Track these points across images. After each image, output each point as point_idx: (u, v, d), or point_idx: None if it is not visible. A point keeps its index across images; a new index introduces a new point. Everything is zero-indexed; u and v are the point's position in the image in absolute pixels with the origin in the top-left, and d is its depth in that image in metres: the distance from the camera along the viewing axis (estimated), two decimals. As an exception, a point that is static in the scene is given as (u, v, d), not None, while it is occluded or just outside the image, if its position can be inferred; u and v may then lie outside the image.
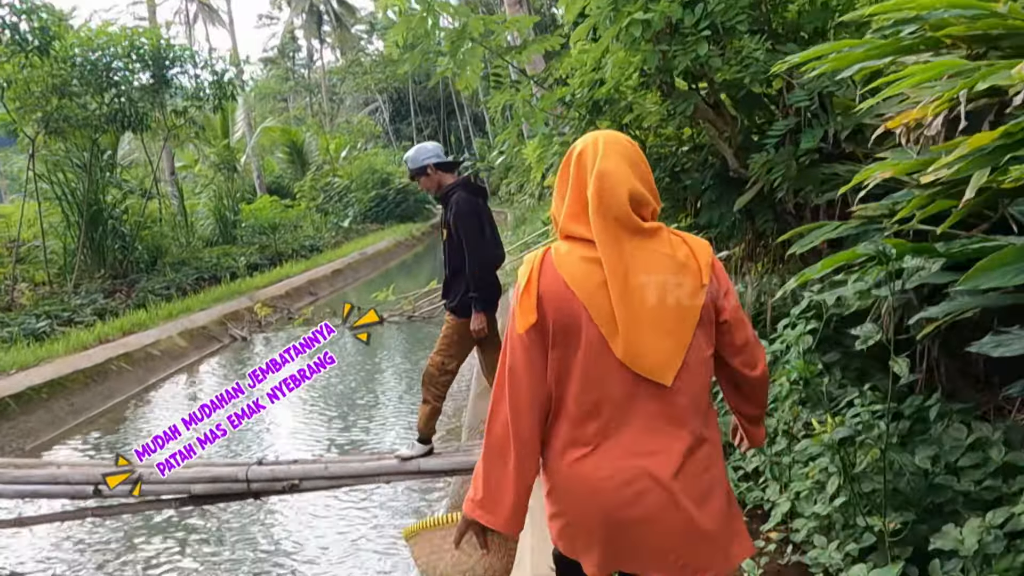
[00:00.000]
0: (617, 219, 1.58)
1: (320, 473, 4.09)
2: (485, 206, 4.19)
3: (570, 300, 1.58)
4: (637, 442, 1.58)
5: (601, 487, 1.58)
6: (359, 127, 36.70)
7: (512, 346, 1.61)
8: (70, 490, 4.14)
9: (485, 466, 1.64)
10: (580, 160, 1.65)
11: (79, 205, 12.09)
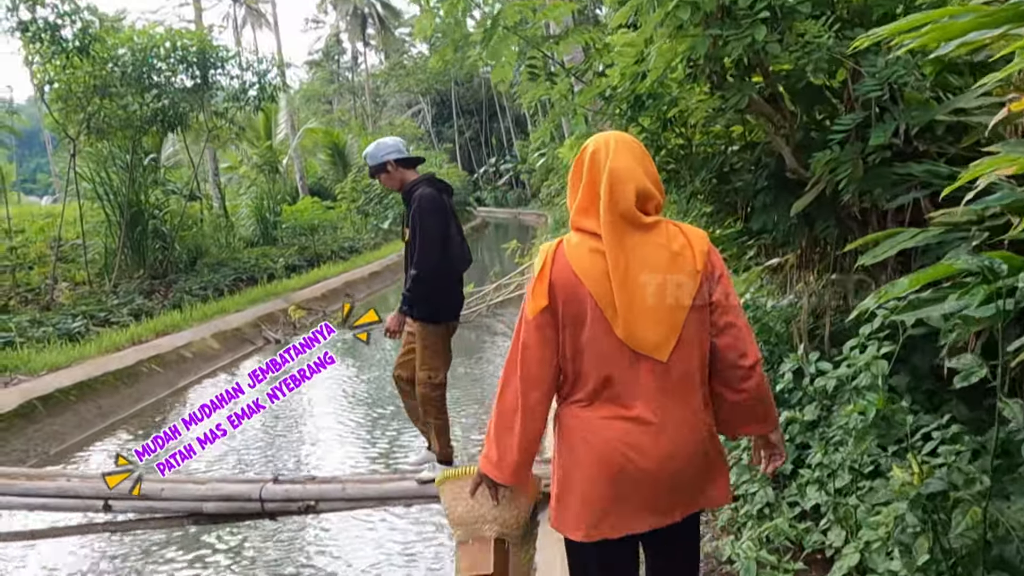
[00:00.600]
0: (623, 215, 1.78)
1: (337, 494, 3.83)
2: (451, 206, 3.92)
3: (578, 287, 1.77)
4: (642, 408, 1.78)
5: (612, 447, 1.78)
6: (400, 129, 36.73)
7: (525, 326, 1.81)
8: (80, 504, 3.96)
9: (496, 430, 1.86)
10: (593, 158, 1.84)
11: (120, 205, 12.15)
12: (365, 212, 25.35)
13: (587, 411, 1.82)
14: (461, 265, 3.93)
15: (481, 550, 2.19)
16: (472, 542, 2.23)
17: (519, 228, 29.49)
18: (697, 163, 3.71)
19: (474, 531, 2.23)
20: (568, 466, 1.85)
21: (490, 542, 2.22)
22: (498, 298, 11.83)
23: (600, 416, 1.80)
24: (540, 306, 1.78)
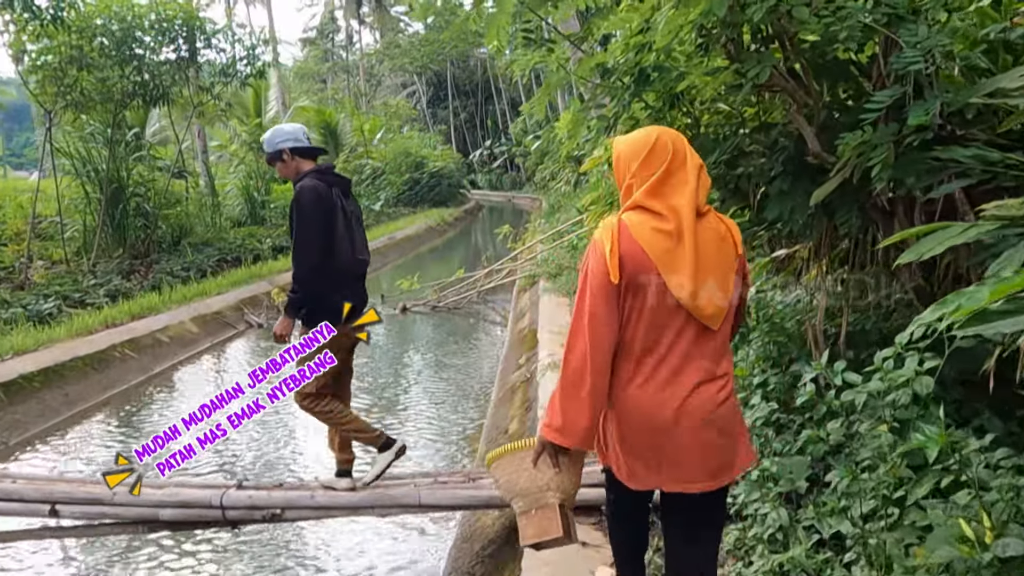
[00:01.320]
0: (699, 205, 2.03)
1: (305, 502, 3.50)
2: (345, 201, 3.58)
3: (645, 261, 1.97)
4: (685, 372, 1.99)
5: (658, 409, 1.98)
6: (395, 110, 36.17)
7: (594, 296, 1.98)
8: (23, 508, 3.61)
9: (562, 396, 2.02)
10: (675, 148, 2.07)
11: (100, 182, 11.71)
12: (357, 193, 24.94)
13: (634, 376, 2.02)
14: (353, 267, 3.62)
15: (547, 516, 2.23)
16: (535, 511, 2.24)
17: (513, 212, 29.11)
18: (708, 145, 3.35)
19: (537, 500, 2.23)
20: (621, 427, 2.06)
21: (555, 507, 2.23)
22: (489, 284, 11.49)
23: (642, 384, 2.01)
24: (615, 278, 1.96)
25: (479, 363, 7.87)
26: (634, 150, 2.10)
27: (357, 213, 3.69)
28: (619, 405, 2.04)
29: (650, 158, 2.06)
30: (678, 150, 2.08)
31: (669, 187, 2.04)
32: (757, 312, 4.14)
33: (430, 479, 3.65)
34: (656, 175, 2.03)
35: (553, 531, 2.22)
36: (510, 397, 6.04)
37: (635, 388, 2.00)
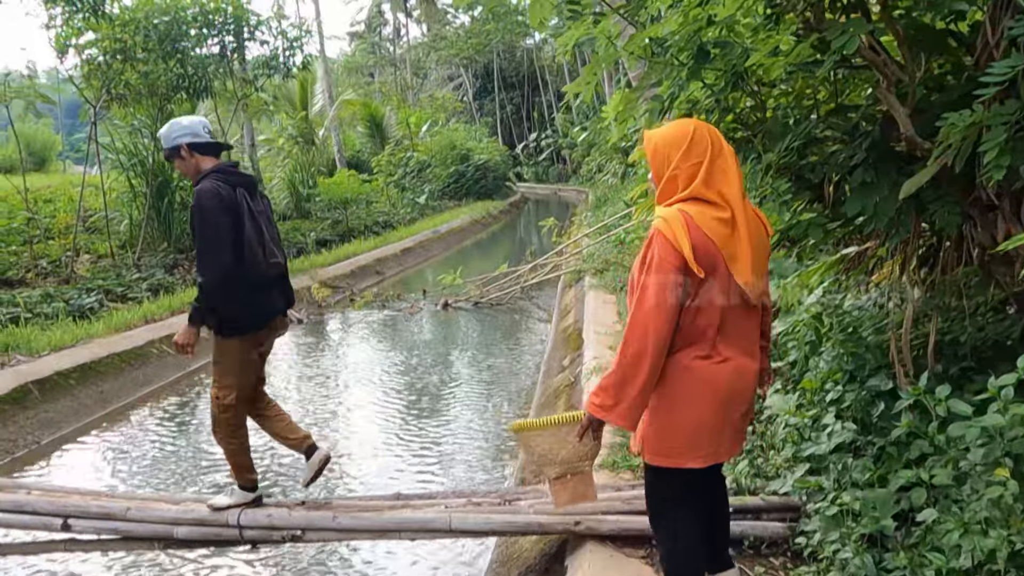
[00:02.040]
0: (744, 194, 2.27)
1: (327, 524, 3.22)
2: (252, 200, 3.33)
3: (712, 249, 2.15)
4: (742, 349, 2.26)
5: (730, 383, 2.23)
6: (441, 102, 36.00)
7: (661, 285, 2.12)
8: (36, 522, 3.43)
9: (620, 379, 2.16)
10: (714, 138, 2.26)
11: (146, 175, 11.72)
12: (402, 186, 24.82)
13: (705, 359, 2.19)
14: (265, 270, 3.37)
15: (583, 481, 2.42)
16: (569, 476, 2.40)
17: (559, 204, 28.68)
18: (777, 129, 2.94)
19: (574, 467, 2.40)
20: (685, 406, 2.21)
21: (590, 474, 2.45)
22: (533, 279, 11.14)
23: (715, 362, 2.19)
24: (695, 268, 2.10)
25: (522, 363, 7.54)
26: (674, 141, 2.21)
27: (267, 212, 3.50)
28: (693, 385, 2.18)
29: (691, 148, 2.19)
30: (715, 139, 2.23)
31: (718, 176, 2.18)
32: (828, 318, 3.71)
33: (463, 500, 3.34)
34: (704, 164, 2.16)
35: (590, 496, 2.46)
36: (552, 402, 5.69)
37: (712, 365, 2.19)
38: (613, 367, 2.18)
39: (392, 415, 6.05)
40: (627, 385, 2.14)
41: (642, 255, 2.21)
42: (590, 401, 2.23)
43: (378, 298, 10.95)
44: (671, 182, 2.21)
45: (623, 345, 2.16)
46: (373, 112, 27.73)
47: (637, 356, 2.12)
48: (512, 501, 3.27)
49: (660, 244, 2.12)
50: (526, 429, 2.45)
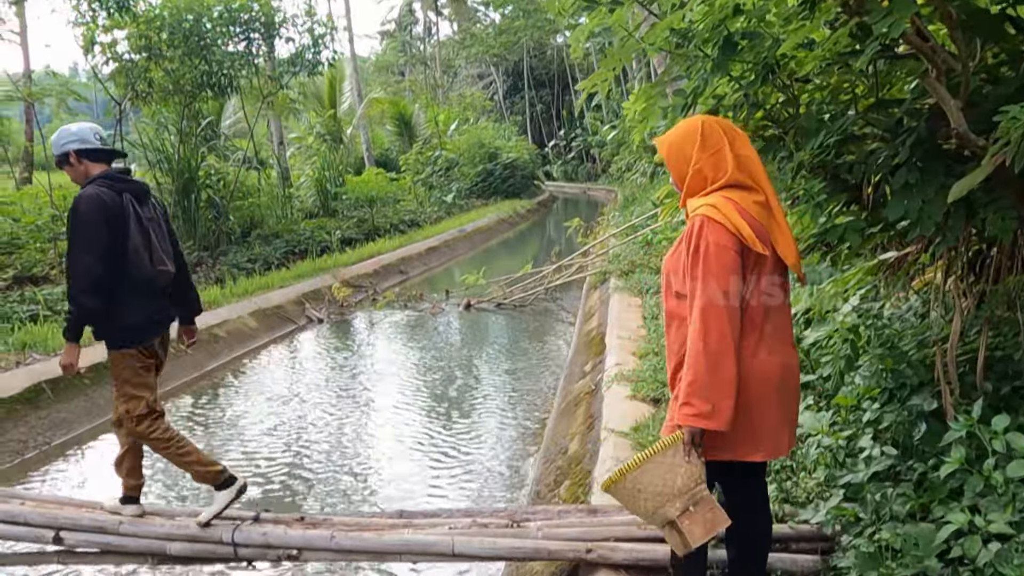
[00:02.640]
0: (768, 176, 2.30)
1: (324, 544, 3.04)
2: (142, 207, 3.24)
3: (763, 233, 2.15)
4: (782, 340, 2.23)
5: (784, 371, 2.20)
6: (470, 100, 35.87)
7: (723, 273, 2.08)
8: (28, 533, 3.30)
9: (705, 380, 2.06)
10: (724, 127, 2.28)
11: (173, 173, 11.73)
12: (429, 184, 24.71)
13: (756, 357, 2.14)
14: (154, 279, 3.26)
15: (709, 508, 2.15)
16: (692, 508, 2.14)
17: (588, 204, 28.38)
18: (811, 125, 2.69)
19: (693, 495, 2.14)
20: (755, 397, 2.14)
21: (712, 498, 2.18)
22: (558, 280, 10.91)
23: (765, 355, 2.14)
24: (760, 249, 2.09)
25: (543, 367, 7.33)
26: (686, 137, 2.21)
27: (159, 220, 3.39)
28: (751, 376, 2.12)
29: (705, 140, 2.19)
30: (726, 127, 2.23)
31: (743, 161, 2.18)
32: (866, 330, 3.44)
33: (468, 520, 3.14)
34: (724, 151, 2.16)
35: (721, 521, 2.17)
36: (572, 411, 5.47)
37: (765, 355, 2.14)
38: (693, 369, 2.08)
39: (408, 419, 5.88)
40: (717, 385, 2.06)
41: (688, 245, 2.13)
42: (685, 414, 2.11)
43: (400, 298, 10.81)
44: (697, 176, 2.20)
45: (699, 342, 2.07)
46: (402, 110, 27.68)
47: (719, 353, 2.05)
48: (521, 523, 3.07)
49: (713, 230, 2.08)
50: (628, 473, 2.16)
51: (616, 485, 2.17)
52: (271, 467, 5.03)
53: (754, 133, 3.21)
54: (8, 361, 6.20)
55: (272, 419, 6.02)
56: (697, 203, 2.18)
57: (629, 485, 2.16)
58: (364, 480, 4.79)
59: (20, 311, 7.53)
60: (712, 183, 2.19)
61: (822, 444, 3.00)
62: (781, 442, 2.23)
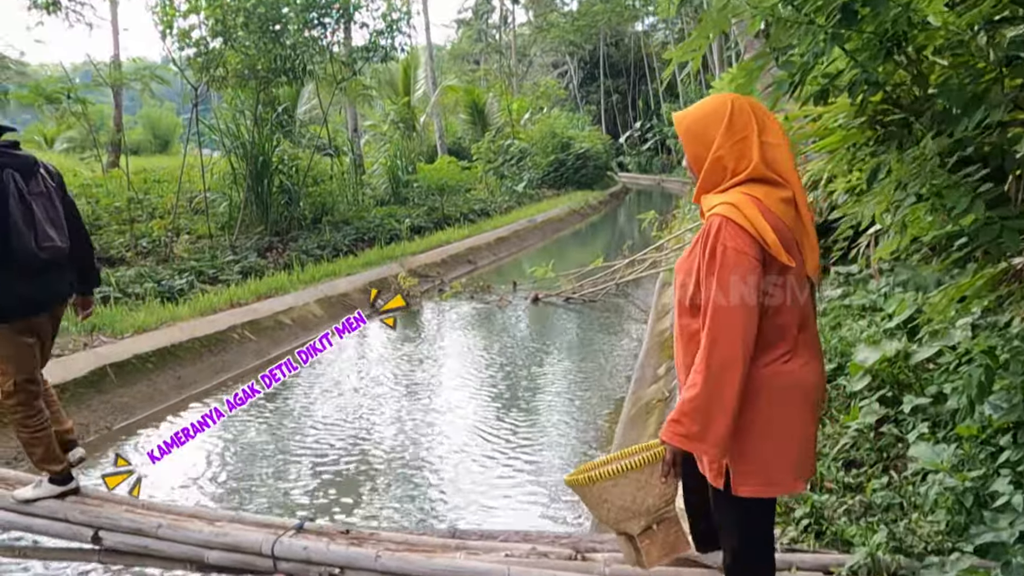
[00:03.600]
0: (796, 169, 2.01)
1: (368, 564, 2.79)
2: (27, 183, 3.13)
3: (788, 235, 1.89)
4: (814, 349, 2.00)
5: (814, 384, 1.96)
6: (544, 89, 35.42)
7: (739, 281, 1.82)
8: (67, 530, 3.18)
9: (705, 398, 1.83)
10: (755, 110, 1.98)
11: (247, 158, 11.81)
12: (501, 174, 24.47)
13: (789, 363, 1.91)
14: (35, 254, 3.14)
15: (673, 531, 2.08)
16: (656, 527, 2.04)
17: (662, 196, 27.64)
18: (951, 101, 2.24)
19: (659, 515, 2.04)
20: (780, 419, 1.91)
21: (676, 519, 2.09)
22: (630, 275, 10.47)
23: (800, 364, 1.92)
24: (785, 259, 1.85)
25: (612, 368, 6.95)
26: (712, 117, 1.96)
27: (50, 193, 3.26)
28: (784, 394, 1.90)
29: (732, 123, 1.93)
30: (757, 110, 1.97)
31: (771, 151, 1.93)
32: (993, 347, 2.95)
33: (527, 547, 2.83)
34: (752, 139, 1.92)
35: (682, 546, 2.09)
36: (643, 418, 5.10)
37: (799, 368, 1.92)
38: (693, 385, 1.86)
39: (468, 417, 5.61)
40: (715, 404, 1.83)
41: (704, 249, 1.88)
42: (671, 431, 1.90)
43: (467, 289, 10.59)
44: (716, 165, 1.94)
45: (704, 356, 1.84)
46: (475, 98, 27.51)
47: (724, 366, 1.82)
48: (586, 553, 2.74)
49: (732, 233, 1.84)
50: (597, 482, 1.99)
51: (581, 487, 2.03)
52: (323, 464, 4.83)
53: (872, 119, 2.77)
54: (76, 343, 6.23)
55: (329, 410, 5.86)
56: (714, 200, 1.93)
57: (596, 492, 2.02)
58: (418, 483, 4.53)
59: (93, 292, 7.61)
60: (733, 175, 1.93)
61: (944, 484, 2.55)
62: (813, 464, 2.03)
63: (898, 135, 2.57)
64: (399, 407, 5.96)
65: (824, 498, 2.90)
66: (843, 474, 3.11)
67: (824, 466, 3.16)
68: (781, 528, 2.85)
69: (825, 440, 3.43)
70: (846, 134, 2.79)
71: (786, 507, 2.97)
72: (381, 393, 6.31)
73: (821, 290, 6.24)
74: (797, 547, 2.67)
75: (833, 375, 4.11)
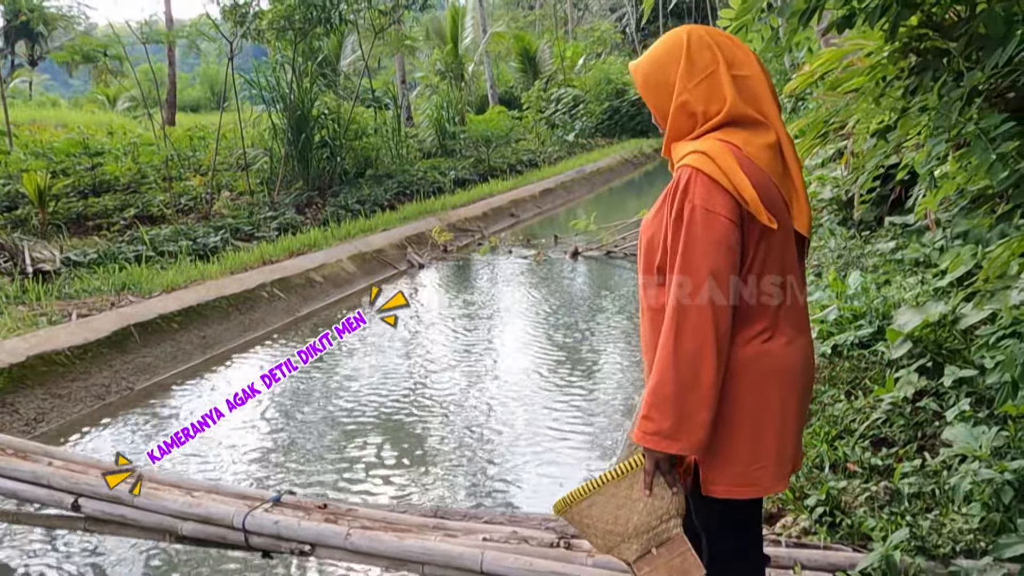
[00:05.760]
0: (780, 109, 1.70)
1: (338, 542, 2.62)
2: None
3: (772, 189, 1.60)
4: (799, 324, 1.70)
5: (800, 374, 1.67)
6: (599, 35, 34.24)
7: (713, 247, 1.54)
8: (49, 497, 3.11)
9: (674, 389, 1.56)
10: (719, 41, 1.66)
11: (288, 112, 11.69)
12: (552, 123, 23.87)
13: (772, 342, 1.64)
14: None
15: (677, 552, 1.67)
16: (655, 550, 1.67)
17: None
18: (997, 30, 1.83)
19: (657, 535, 1.66)
20: (749, 415, 1.63)
21: (682, 538, 1.69)
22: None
23: (783, 343, 1.65)
24: (766, 220, 1.56)
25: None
26: (667, 57, 1.67)
27: None
28: (766, 378, 1.62)
29: (692, 60, 1.64)
30: (722, 43, 1.66)
31: (747, 86, 1.62)
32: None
33: (508, 530, 2.61)
34: (719, 74, 1.61)
35: (693, 570, 1.69)
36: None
37: (782, 347, 1.64)
38: (659, 375, 1.58)
39: (488, 382, 5.41)
40: (687, 397, 1.55)
41: (670, 206, 1.59)
42: (643, 431, 1.61)
43: (504, 243, 10.33)
44: (682, 111, 1.64)
45: (668, 341, 1.56)
46: (527, 45, 26.78)
47: (696, 349, 1.54)
48: (572, 540, 2.50)
49: (702, 189, 1.53)
50: (574, 503, 1.72)
51: (563, 514, 1.76)
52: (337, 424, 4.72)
53: (906, 46, 2.35)
54: (104, 302, 6.27)
55: (352, 371, 5.75)
56: (685, 149, 1.62)
57: (576, 517, 1.74)
58: (442, 445, 4.38)
59: (127, 251, 7.67)
60: (704, 120, 1.62)
61: (979, 476, 2.20)
62: (799, 456, 1.76)
63: (935, 66, 2.16)
64: (421, 367, 5.80)
65: (843, 484, 2.58)
66: (870, 455, 2.77)
67: (849, 445, 2.83)
68: (793, 516, 2.56)
69: (855, 415, 3.09)
70: (874, 67, 2.38)
71: (801, 492, 2.66)
72: (402, 351, 6.16)
73: (872, 243, 5.75)
74: (806, 542, 2.37)
75: (872, 339, 3.73)
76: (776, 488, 1.69)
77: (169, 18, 21.11)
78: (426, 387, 5.34)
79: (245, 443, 4.53)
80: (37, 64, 35.82)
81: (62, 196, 9.61)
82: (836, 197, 6.66)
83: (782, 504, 2.62)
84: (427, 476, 3.98)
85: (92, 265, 7.25)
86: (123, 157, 11.83)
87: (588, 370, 5.60)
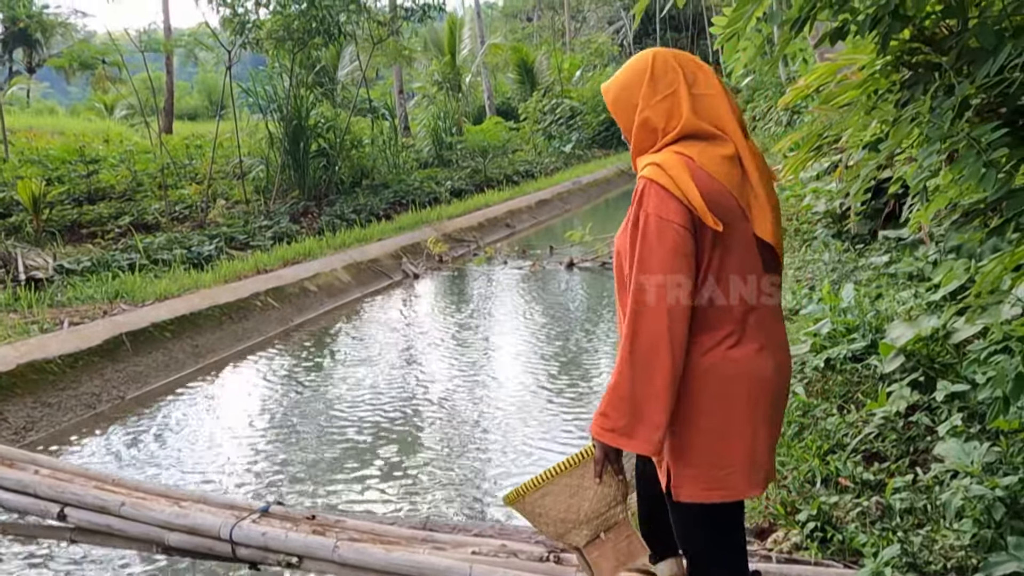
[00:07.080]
0: (745, 129, 1.76)
1: (326, 554, 2.60)
2: None
3: (728, 198, 1.65)
4: (772, 335, 1.72)
5: (770, 381, 1.69)
6: (597, 47, 34.39)
7: (669, 253, 1.60)
8: (34, 506, 3.08)
9: (631, 386, 1.63)
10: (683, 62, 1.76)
11: (284, 121, 11.70)
12: (549, 134, 23.93)
13: (738, 349, 1.67)
14: None
15: (623, 536, 1.80)
16: (603, 535, 1.79)
17: (717, 156, 26.57)
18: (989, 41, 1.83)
19: (605, 520, 1.78)
20: (716, 420, 1.66)
21: (627, 523, 1.82)
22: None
23: (752, 351, 1.67)
24: (713, 224, 1.61)
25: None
26: (632, 78, 1.77)
27: None
28: (731, 382, 1.65)
29: (655, 80, 1.74)
30: (685, 64, 1.77)
31: (705, 103, 1.72)
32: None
33: (497, 542, 2.59)
34: (680, 93, 1.71)
35: (638, 553, 1.87)
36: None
37: (750, 354, 1.66)
38: (616, 375, 1.65)
39: (481, 394, 5.39)
40: (644, 392, 1.61)
41: (630, 217, 1.67)
42: (599, 426, 1.69)
43: (499, 254, 10.32)
44: (644, 128, 1.73)
45: (627, 339, 1.63)
46: (524, 56, 26.87)
47: (651, 350, 1.60)
48: (560, 555, 2.48)
49: (655, 197, 1.62)
50: (527, 493, 1.82)
51: (515, 504, 1.85)
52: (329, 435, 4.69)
53: (898, 59, 2.35)
54: (96, 311, 6.24)
55: (344, 381, 5.72)
56: (644, 162, 1.71)
57: (529, 507, 1.83)
58: (434, 456, 4.35)
59: (121, 259, 7.65)
60: (664, 135, 1.71)
61: (970, 492, 2.19)
62: (772, 467, 1.77)
63: (927, 79, 2.16)
64: (411, 378, 5.77)
65: (835, 499, 2.57)
66: (862, 469, 2.76)
67: (841, 460, 2.81)
68: (784, 531, 2.54)
69: (847, 429, 3.08)
70: (866, 80, 2.39)
71: (793, 507, 2.65)
72: (394, 362, 6.14)
73: (866, 256, 5.75)
74: (797, 557, 2.35)
75: (866, 353, 3.72)
76: (748, 493, 1.70)
77: (168, 27, 21.21)
78: (418, 398, 5.32)
79: (235, 453, 4.50)
80: (35, 71, 35.82)
81: (57, 203, 9.59)
82: (830, 210, 6.67)
83: (773, 519, 2.60)
84: (417, 488, 3.95)
85: (85, 273, 7.23)
86: (119, 165, 11.82)
87: (582, 381, 5.58)
